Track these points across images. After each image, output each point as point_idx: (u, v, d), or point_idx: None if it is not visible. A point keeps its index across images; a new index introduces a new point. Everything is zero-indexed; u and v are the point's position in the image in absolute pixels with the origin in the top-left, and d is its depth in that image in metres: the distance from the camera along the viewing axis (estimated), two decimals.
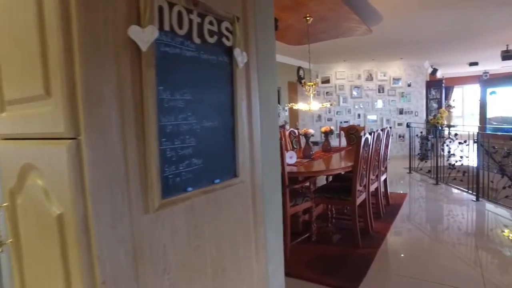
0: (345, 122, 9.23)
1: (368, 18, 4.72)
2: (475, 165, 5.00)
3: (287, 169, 3.52)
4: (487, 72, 12.17)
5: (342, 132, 5.70)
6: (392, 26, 5.28)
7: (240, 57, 1.12)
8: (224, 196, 1.09)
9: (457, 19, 5.22)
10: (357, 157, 3.32)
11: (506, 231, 3.85)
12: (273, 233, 1.41)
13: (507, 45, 7.48)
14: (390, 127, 4.75)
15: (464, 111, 13.56)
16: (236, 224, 1.16)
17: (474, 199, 4.96)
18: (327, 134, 4.56)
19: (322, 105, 4.20)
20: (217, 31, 1.05)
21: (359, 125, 9.12)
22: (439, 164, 6.08)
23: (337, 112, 9.30)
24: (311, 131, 4.04)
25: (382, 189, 4.81)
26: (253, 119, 1.24)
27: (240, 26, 1.14)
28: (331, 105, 4.37)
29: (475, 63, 10.19)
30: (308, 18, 4.28)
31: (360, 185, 3.51)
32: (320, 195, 3.57)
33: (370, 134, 3.61)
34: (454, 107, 11.96)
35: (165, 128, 0.87)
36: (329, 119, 9.30)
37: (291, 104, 4.39)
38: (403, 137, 9.23)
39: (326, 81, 9.25)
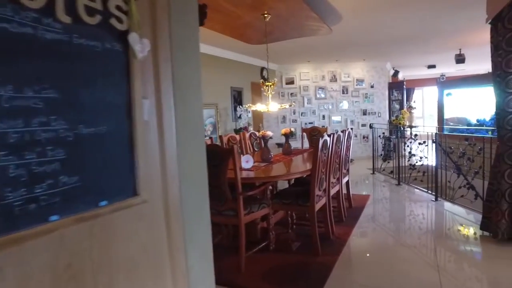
0: (309, 123, 9.17)
1: (327, 17, 4.62)
2: (434, 165, 5.03)
3: (243, 174, 3.31)
4: (444, 75, 12.63)
5: (304, 134, 5.57)
6: (352, 26, 5.22)
7: (139, 45, 0.88)
8: (117, 221, 0.85)
9: (415, 21, 5.26)
10: (315, 161, 3.16)
11: (461, 227, 3.85)
12: (200, 259, 1.18)
13: (460, 49, 7.72)
14: (351, 128, 4.67)
15: (424, 112, 13.99)
16: (140, 254, 0.93)
17: (433, 199, 4.99)
18: (288, 136, 4.39)
19: (281, 106, 4.02)
20: (102, 9, 0.81)
21: (323, 126, 9.10)
22: (401, 165, 6.12)
23: (301, 114, 9.23)
24: (269, 133, 3.85)
25: (345, 192, 4.72)
26: (165, 122, 1.00)
27: (141, 5, 0.91)
28: (290, 105, 4.20)
29: (433, 66, 10.51)
30: (266, 15, 4.10)
31: (320, 190, 3.36)
32: (278, 201, 3.39)
33: (329, 136, 3.47)
34: (415, 108, 12.30)
35: (4, 138, 0.62)
36: (294, 121, 9.22)
37: (248, 105, 4.19)
38: (367, 138, 9.31)
39: (291, 82, 9.16)
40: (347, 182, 4.78)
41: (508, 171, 3.32)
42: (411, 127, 11.32)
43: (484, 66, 10.30)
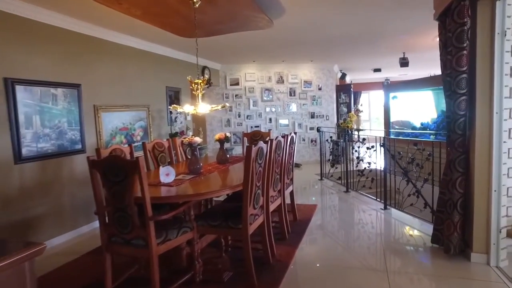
0: (256, 126, 8.70)
1: (269, 8, 4.12)
2: (383, 171, 4.73)
3: (162, 191, 2.67)
4: (388, 79, 12.88)
5: (245, 138, 5.03)
6: (296, 22, 4.79)
7: None
8: None
9: (360, 20, 4.97)
10: (246, 174, 2.60)
11: (412, 240, 3.53)
12: None
13: (403, 52, 7.71)
14: (295, 133, 4.20)
15: (370, 115, 14.20)
16: None
17: (383, 208, 4.69)
18: (222, 142, 3.81)
19: (212, 108, 3.43)
20: None
21: (270, 129, 8.67)
22: (349, 169, 5.81)
23: (247, 117, 8.71)
24: (198, 139, 3.24)
25: (288, 202, 4.25)
26: None
27: None
28: (223, 107, 3.62)
29: (379, 70, 10.58)
30: (194, 0, 3.48)
31: (255, 208, 2.81)
32: (204, 222, 2.78)
33: (266, 142, 2.94)
34: (362, 111, 12.40)
35: None
36: (239, 124, 8.68)
37: (172, 106, 3.53)
38: (315, 141, 9.03)
39: (235, 83, 8.61)
40: (291, 193, 4.31)
41: (460, 179, 3.02)
42: (358, 130, 11.36)
43: (425, 71, 10.58)
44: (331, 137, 6.54)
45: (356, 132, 9.58)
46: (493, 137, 2.84)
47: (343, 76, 10.47)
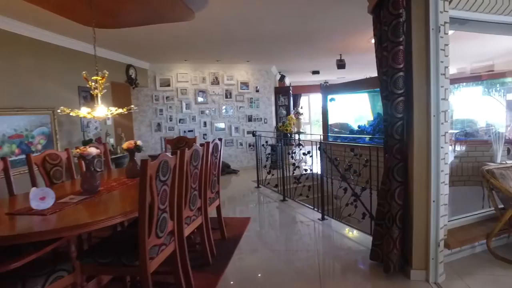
0: (189, 131, 8.05)
1: None
2: (321, 178, 4.40)
3: (26, 223, 1.97)
4: (327, 82, 12.97)
5: (168, 146, 4.40)
6: (221, 15, 4.29)
7: None
8: None
9: (292, 19, 4.64)
10: (142, 196, 2.00)
11: (350, 255, 3.20)
12: None
13: (340, 54, 7.62)
14: (220, 139, 3.67)
15: (311, 118, 14.23)
16: None
17: (320, 218, 4.34)
18: (132, 152, 3.16)
19: (113, 112, 2.77)
20: None
21: (205, 134, 8.08)
22: (286, 175, 5.43)
23: (180, 120, 8.03)
24: (93, 150, 2.56)
25: (215, 216, 3.71)
26: None
27: None
28: (129, 110, 2.98)
29: (317, 72, 10.51)
30: None
31: (159, 236, 2.22)
32: (92, 260, 2.12)
33: (174, 153, 2.36)
34: (302, 114, 12.29)
35: None
36: (171, 128, 7.96)
37: (61, 108, 2.81)
38: (253, 146, 8.61)
39: (166, 84, 7.88)
40: (218, 207, 3.77)
41: (399, 189, 2.71)
42: (299, 133, 11.19)
43: (362, 74, 10.75)
44: (266, 141, 6.13)
45: (296, 136, 9.38)
46: (431, 143, 2.57)
47: (282, 78, 10.23)
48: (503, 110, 7.06)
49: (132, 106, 3.32)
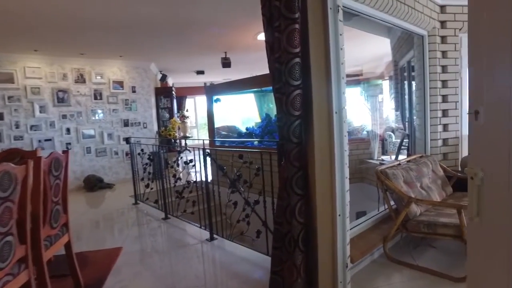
0: (46, 140, 6.46)
1: None
2: (207, 190, 3.71)
3: None
4: (214, 83, 12.47)
5: None
6: None
7: None
8: None
9: (157, 2, 3.89)
10: None
11: (243, 274, 2.60)
12: None
13: (225, 52, 7.16)
14: (65, 151, 2.66)
15: (197, 121, 13.51)
16: None
17: (209, 238, 3.66)
18: None
19: None
20: None
21: (69, 143, 6.61)
22: (169, 188, 4.59)
23: (31, 127, 6.36)
24: None
25: (68, 254, 2.67)
26: None
27: None
28: None
29: (202, 72, 9.89)
30: None
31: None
32: None
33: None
34: (188, 117, 11.48)
35: None
36: (19, 138, 6.23)
37: None
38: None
39: (8, 80, 6.12)
40: (68, 245, 2.72)
41: (300, 204, 2.21)
42: (186, 137, 10.34)
43: (248, 75, 10.53)
44: (142, 150, 5.17)
45: (179, 142, 8.54)
46: (334, 145, 2.14)
47: (164, 77, 9.25)
48: (368, 111, 7.60)
49: None
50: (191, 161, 3.98)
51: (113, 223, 4.72)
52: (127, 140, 5.30)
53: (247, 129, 6.84)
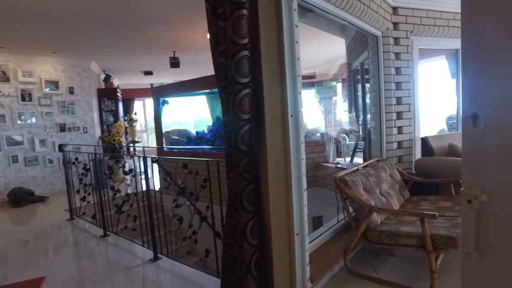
0: None
1: None
2: (148, 204, 3.27)
3: None
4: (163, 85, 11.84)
5: None
6: None
7: None
8: None
9: None
10: None
11: None
12: None
13: (174, 51, 6.70)
14: None
15: (147, 125, 12.76)
16: None
17: (153, 258, 3.22)
18: None
19: None
20: None
21: None
22: (106, 200, 4.05)
23: None
24: None
25: None
26: None
27: None
28: None
29: (150, 73, 9.30)
30: None
31: None
32: None
33: None
34: (137, 120, 10.74)
35: None
36: None
37: None
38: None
39: None
40: None
41: (252, 223, 1.88)
42: (134, 142, 9.64)
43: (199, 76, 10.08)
44: (76, 158, 4.56)
45: (125, 149, 7.88)
46: (291, 153, 1.85)
47: (107, 78, 8.52)
48: (321, 114, 7.52)
49: None
50: (131, 170, 3.50)
51: (41, 244, 4.08)
52: (60, 147, 4.66)
53: (197, 133, 6.43)
